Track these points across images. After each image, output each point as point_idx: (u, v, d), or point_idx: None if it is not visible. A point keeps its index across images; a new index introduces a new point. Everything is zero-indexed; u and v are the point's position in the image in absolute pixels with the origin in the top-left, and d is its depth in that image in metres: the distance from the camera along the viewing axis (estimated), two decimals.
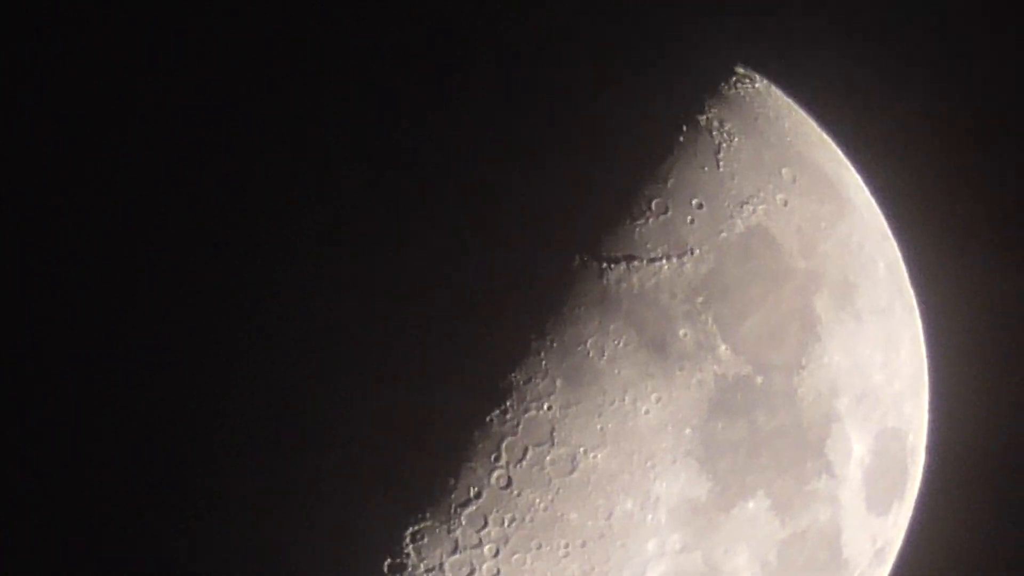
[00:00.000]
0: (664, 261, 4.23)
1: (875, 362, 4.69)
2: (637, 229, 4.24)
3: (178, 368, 4.00)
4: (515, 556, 4.09)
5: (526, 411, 4.04)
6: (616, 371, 4.10)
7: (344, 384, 3.97)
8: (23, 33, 4.41)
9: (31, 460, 4.12)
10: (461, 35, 4.47)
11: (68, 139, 4.22)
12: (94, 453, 4.06)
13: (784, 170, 4.66)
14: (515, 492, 4.05)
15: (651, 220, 4.27)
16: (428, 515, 4.03)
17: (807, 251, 4.54)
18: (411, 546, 4.05)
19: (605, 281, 4.15)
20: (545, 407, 4.05)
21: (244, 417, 3.97)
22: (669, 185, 4.35)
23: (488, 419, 4.02)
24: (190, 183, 4.11)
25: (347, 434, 3.97)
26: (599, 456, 4.09)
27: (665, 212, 4.30)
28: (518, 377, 4.03)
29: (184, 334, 4.01)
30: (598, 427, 4.08)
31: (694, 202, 4.36)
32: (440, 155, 4.18)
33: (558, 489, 4.07)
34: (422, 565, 4.08)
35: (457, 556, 4.08)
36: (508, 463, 4.04)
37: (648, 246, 4.23)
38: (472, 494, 4.04)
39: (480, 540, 4.07)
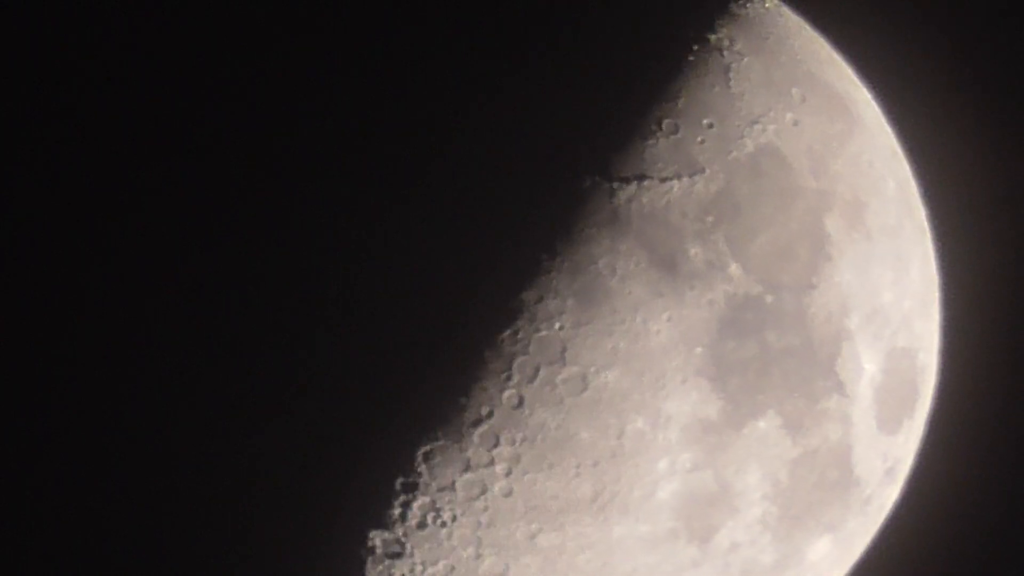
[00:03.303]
0: (675, 180, 4.22)
1: (885, 281, 4.69)
2: (647, 149, 4.23)
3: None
4: (527, 475, 4.11)
5: (537, 331, 4.05)
6: (627, 290, 4.10)
7: (355, 302, 3.98)
8: (22, 32, 4.38)
9: (30, 460, 4.15)
10: None
11: (68, 139, 4.21)
12: (102, 448, 4.10)
13: (794, 89, 4.64)
14: (527, 411, 4.07)
15: (661, 140, 4.26)
16: (440, 434, 4.06)
17: (817, 170, 4.53)
18: (423, 465, 4.08)
19: (616, 201, 4.14)
20: (556, 326, 4.06)
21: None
22: (679, 105, 4.34)
23: (500, 339, 4.03)
24: (190, 182, 4.10)
25: (358, 354, 3.99)
26: (610, 375, 4.10)
27: (675, 132, 4.28)
28: (530, 297, 4.04)
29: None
30: (609, 346, 4.09)
31: (704, 121, 4.35)
32: (450, 78, 4.17)
33: (569, 408, 4.09)
34: (434, 484, 4.10)
35: (469, 475, 4.11)
36: (520, 382, 4.06)
37: (659, 166, 4.22)
38: (484, 413, 4.06)
39: (492, 459, 4.09)
